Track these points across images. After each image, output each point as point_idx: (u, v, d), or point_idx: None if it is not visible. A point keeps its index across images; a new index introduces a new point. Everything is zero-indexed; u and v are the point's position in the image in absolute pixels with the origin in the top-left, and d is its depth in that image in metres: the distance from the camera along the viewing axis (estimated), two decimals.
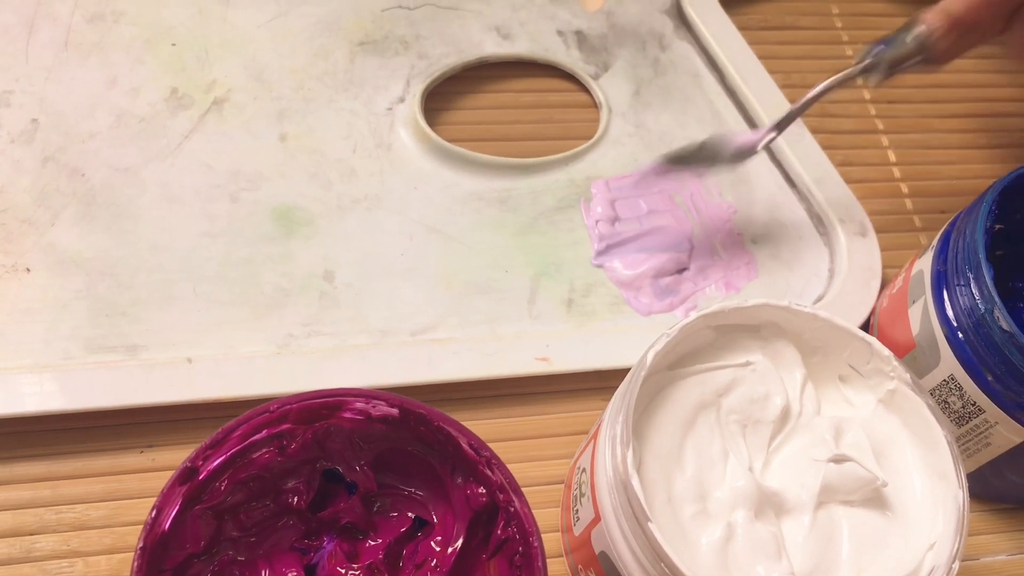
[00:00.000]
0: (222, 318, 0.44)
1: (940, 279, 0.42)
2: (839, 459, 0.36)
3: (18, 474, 0.41)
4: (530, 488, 0.39)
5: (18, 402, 0.40)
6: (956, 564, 0.34)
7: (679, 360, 0.38)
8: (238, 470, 0.36)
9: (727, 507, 0.35)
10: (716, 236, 0.50)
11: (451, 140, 0.50)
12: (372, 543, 0.38)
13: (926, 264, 0.43)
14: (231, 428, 0.34)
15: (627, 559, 0.34)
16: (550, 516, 0.42)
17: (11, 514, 0.40)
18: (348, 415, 0.36)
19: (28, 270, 0.44)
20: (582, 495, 0.38)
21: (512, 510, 0.34)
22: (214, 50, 0.51)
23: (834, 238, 0.50)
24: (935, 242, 0.43)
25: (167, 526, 0.34)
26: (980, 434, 0.41)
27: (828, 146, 0.53)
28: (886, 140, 0.56)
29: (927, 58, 0.45)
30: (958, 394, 0.41)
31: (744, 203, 0.51)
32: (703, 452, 0.36)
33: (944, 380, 0.41)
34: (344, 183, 0.49)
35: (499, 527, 0.36)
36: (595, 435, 0.38)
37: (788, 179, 0.53)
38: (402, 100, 0.51)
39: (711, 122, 0.54)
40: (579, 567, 0.39)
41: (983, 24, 0.44)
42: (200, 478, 0.35)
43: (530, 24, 0.55)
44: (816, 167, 0.52)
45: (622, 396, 0.35)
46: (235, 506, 0.36)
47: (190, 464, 0.33)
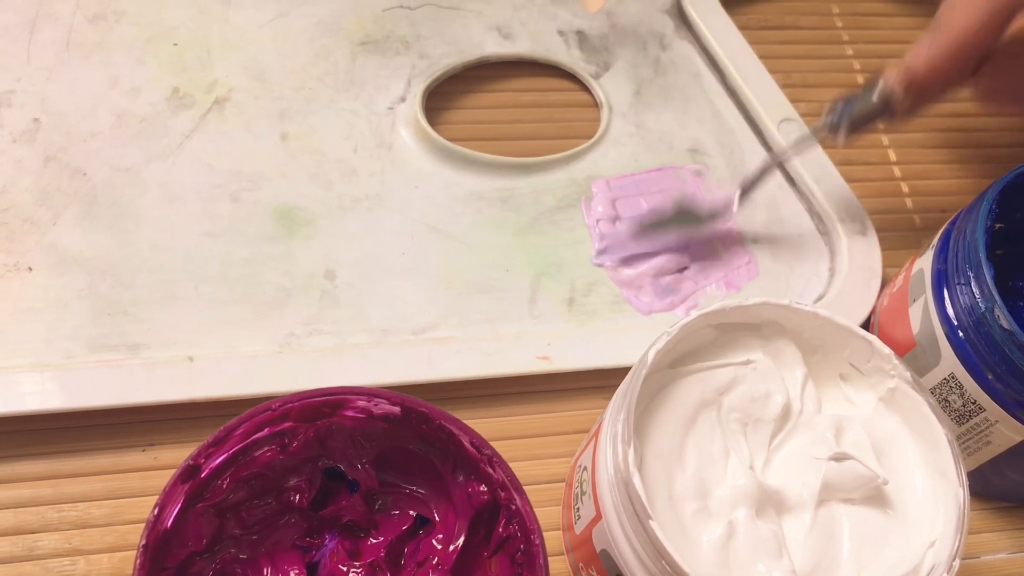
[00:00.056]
0: (223, 317, 0.44)
1: (940, 278, 0.42)
2: (840, 457, 0.36)
3: (20, 472, 0.41)
4: (531, 486, 0.39)
5: (20, 401, 0.40)
6: (957, 562, 0.34)
7: (680, 358, 0.38)
8: (240, 468, 0.36)
9: (728, 505, 0.35)
10: (716, 235, 0.50)
11: (452, 140, 0.50)
12: (374, 541, 0.38)
13: (926, 263, 0.43)
14: (233, 426, 0.34)
15: (628, 557, 0.34)
16: (551, 514, 0.42)
17: (13, 512, 0.40)
18: (350, 413, 0.36)
19: (30, 269, 0.44)
20: (583, 493, 0.38)
21: (513, 508, 0.34)
22: (215, 50, 0.51)
23: (834, 237, 0.50)
24: (935, 241, 0.43)
25: (169, 524, 0.34)
26: (980, 432, 0.41)
27: (828, 146, 0.53)
28: (886, 139, 0.56)
29: (892, 114, 0.45)
30: (958, 392, 0.41)
31: (744, 202, 0.51)
32: (704, 450, 0.37)
33: (945, 378, 0.41)
34: (345, 183, 0.49)
35: (500, 525, 0.36)
36: (596, 433, 0.38)
37: (788, 178, 0.53)
38: (403, 100, 0.52)
39: (711, 122, 0.54)
40: (580, 565, 0.39)
41: (946, 79, 0.44)
42: (202, 476, 0.35)
43: (531, 24, 0.55)
44: (816, 166, 0.52)
45: (623, 394, 0.36)
46: (237, 504, 0.36)
47: (192, 462, 0.33)
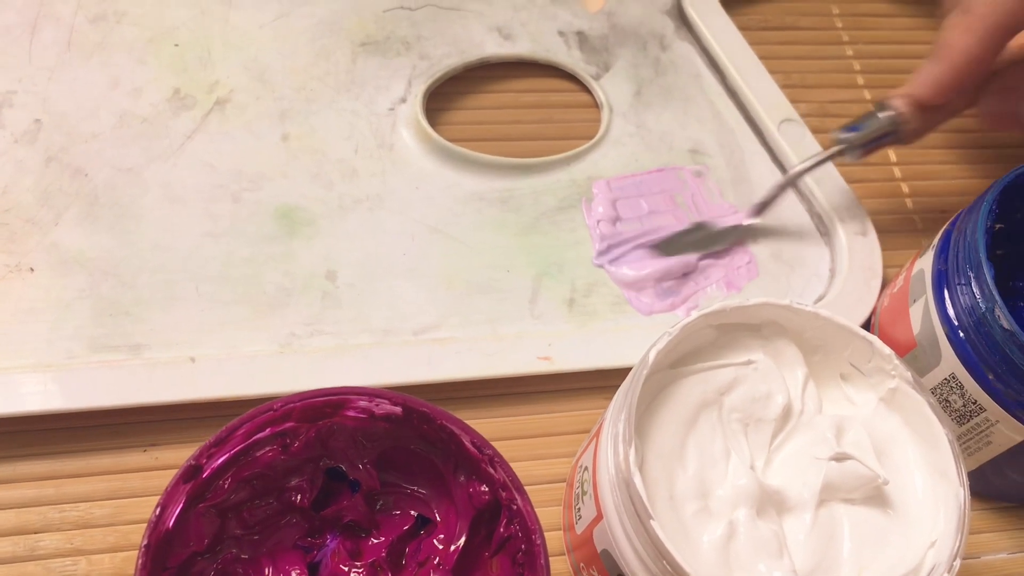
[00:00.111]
0: (225, 317, 0.44)
1: (941, 278, 0.42)
2: (840, 457, 0.36)
3: (22, 473, 0.41)
4: (532, 486, 0.39)
5: (21, 401, 0.40)
6: (957, 562, 0.34)
7: (681, 359, 0.38)
8: (241, 468, 0.36)
9: (729, 505, 0.35)
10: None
11: (453, 140, 0.50)
12: (375, 541, 0.38)
13: (927, 263, 0.43)
14: (234, 426, 0.34)
15: (629, 557, 0.34)
16: (552, 514, 0.43)
17: (15, 512, 0.40)
18: (351, 413, 0.36)
19: (31, 270, 0.44)
20: (584, 493, 0.38)
21: (515, 508, 0.34)
22: (216, 50, 0.51)
23: (835, 237, 0.50)
24: (936, 241, 0.43)
25: (171, 524, 0.34)
26: (981, 432, 0.41)
27: (828, 146, 0.53)
28: None
29: (898, 139, 0.47)
30: (959, 393, 0.41)
31: (745, 203, 0.52)
32: (705, 450, 0.37)
33: (945, 379, 0.41)
34: (346, 183, 0.49)
35: (502, 525, 0.36)
36: (597, 433, 0.38)
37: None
38: (404, 100, 0.52)
39: (712, 122, 0.54)
40: (581, 565, 0.39)
41: (951, 103, 0.46)
42: (204, 476, 0.35)
43: (531, 24, 0.55)
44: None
45: (624, 395, 0.36)
46: (239, 504, 0.36)
47: (194, 462, 0.33)
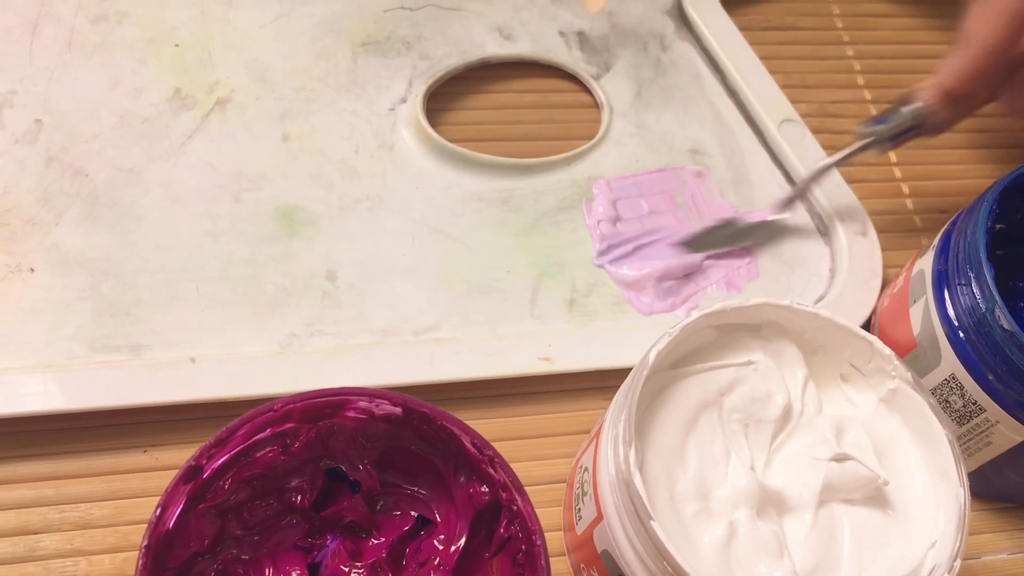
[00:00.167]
0: (225, 318, 0.44)
1: (941, 279, 0.42)
2: (840, 458, 0.36)
3: (22, 473, 0.41)
4: (533, 487, 0.39)
5: (22, 402, 0.40)
6: (957, 563, 0.34)
7: (681, 359, 0.38)
8: (242, 469, 0.36)
9: (729, 506, 0.35)
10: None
11: (453, 140, 0.50)
12: (375, 542, 0.38)
13: (927, 264, 0.43)
14: (235, 427, 0.34)
15: (629, 557, 0.34)
16: (552, 515, 0.43)
17: (15, 513, 0.40)
18: (351, 414, 0.36)
19: (32, 270, 0.44)
20: (584, 494, 0.38)
21: (515, 509, 0.34)
22: (217, 51, 0.51)
23: (835, 238, 0.50)
24: (936, 242, 0.43)
25: (171, 524, 0.34)
26: (981, 433, 0.41)
27: (829, 146, 0.53)
28: None
29: (925, 130, 0.47)
30: (959, 393, 0.41)
31: (745, 203, 0.52)
32: (705, 451, 0.37)
33: (945, 379, 0.41)
34: (346, 183, 0.49)
35: (502, 526, 0.36)
36: (597, 434, 0.38)
37: (789, 179, 0.53)
38: (404, 101, 0.52)
39: (712, 122, 0.54)
40: (581, 566, 0.39)
41: (977, 94, 0.45)
42: (204, 477, 0.35)
43: (532, 25, 0.55)
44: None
45: (624, 395, 0.36)
46: (239, 505, 0.36)
47: (194, 463, 0.33)
